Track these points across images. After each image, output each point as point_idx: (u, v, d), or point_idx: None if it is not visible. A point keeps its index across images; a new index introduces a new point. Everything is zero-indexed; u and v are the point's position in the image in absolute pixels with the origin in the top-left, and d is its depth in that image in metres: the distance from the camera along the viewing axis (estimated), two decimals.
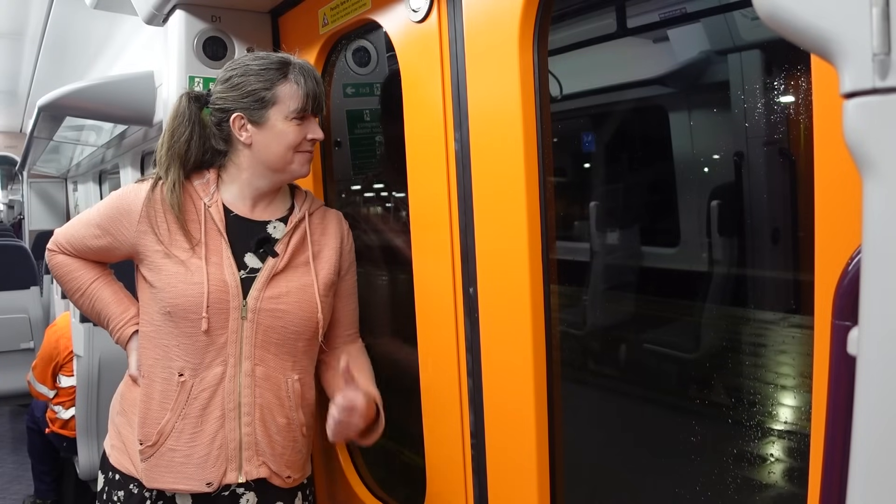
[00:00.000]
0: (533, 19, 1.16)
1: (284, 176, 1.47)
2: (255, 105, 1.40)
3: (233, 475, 1.41)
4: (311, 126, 1.43)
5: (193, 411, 1.39)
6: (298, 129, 1.41)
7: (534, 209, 1.19)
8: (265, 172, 1.45)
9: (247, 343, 1.40)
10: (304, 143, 1.43)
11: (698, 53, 2.66)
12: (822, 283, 0.79)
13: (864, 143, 0.47)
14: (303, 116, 1.41)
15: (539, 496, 1.23)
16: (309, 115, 1.43)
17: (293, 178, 1.50)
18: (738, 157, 2.52)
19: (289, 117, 1.40)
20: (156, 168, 1.49)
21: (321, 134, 1.44)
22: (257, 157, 1.44)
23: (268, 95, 1.39)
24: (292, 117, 1.40)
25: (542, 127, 1.19)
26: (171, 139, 1.45)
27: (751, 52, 2.45)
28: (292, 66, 1.41)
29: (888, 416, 0.47)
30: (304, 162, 1.45)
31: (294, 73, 1.40)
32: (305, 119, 1.42)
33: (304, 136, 1.42)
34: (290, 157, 1.42)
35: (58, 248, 1.54)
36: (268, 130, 1.41)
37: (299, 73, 1.40)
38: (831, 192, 0.78)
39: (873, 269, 0.48)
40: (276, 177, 1.46)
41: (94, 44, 3.70)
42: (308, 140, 1.43)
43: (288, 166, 1.43)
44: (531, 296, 1.19)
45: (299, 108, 1.39)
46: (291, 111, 1.39)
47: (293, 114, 1.40)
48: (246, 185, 1.46)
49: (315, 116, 1.45)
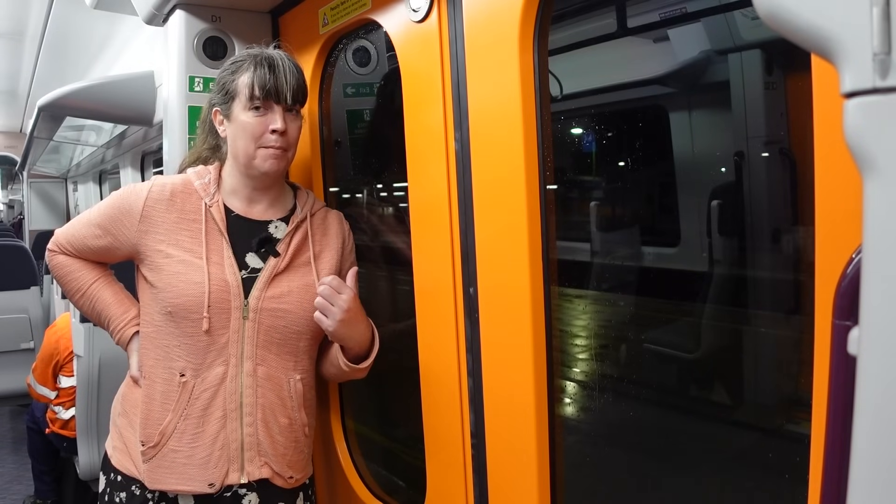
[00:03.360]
0: (533, 19, 1.16)
1: (251, 171, 1.43)
2: (223, 98, 1.42)
3: (235, 476, 1.40)
4: (272, 117, 1.38)
5: (195, 412, 1.38)
6: (258, 120, 1.38)
7: (534, 209, 1.19)
8: (237, 168, 1.45)
9: (248, 343, 1.40)
10: (266, 136, 1.38)
11: (699, 53, 2.66)
12: (822, 282, 0.79)
13: (865, 142, 0.47)
14: (261, 107, 1.37)
15: (539, 496, 1.23)
16: (270, 105, 1.38)
17: (261, 176, 1.43)
18: (738, 156, 2.52)
19: (246, 108, 1.38)
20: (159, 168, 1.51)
21: (281, 124, 1.37)
22: (231, 153, 1.45)
23: (231, 87, 1.40)
24: (249, 108, 1.38)
25: (542, 126, 1.19)
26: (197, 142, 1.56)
27: (751, 51, 2.45)
28: (258, 56, 1.39)
29: (888, 416, 0.47)
30: (268, 157, 1.39)
31: (254, 62, 1.38)
32: (267, 110, 1.38)
33: (266, 128, 1.38)
34: (253, 151, 1.39)
35: (58, 249, 1.53)
36: (234, 123, 1.41)
37: (257, 62, 1.38)
38: (831, 192, 0.78)
39: (873, 269, 0.48)
40: (246, 173, 1.44)
41: (94, 44, 3.70)
42: (270, 132, 1.38)
43: (252, 161, 1.40)
44: (531, 296, 1.19)
45: (249, 95, 1.37)
46: (246, 101, 1.38)
47: (248, 104, 1.37)
48: (237, 181, 1.47)
49: (281, 107, 1.38)
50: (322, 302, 1.36)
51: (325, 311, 1.37)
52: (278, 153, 1.40)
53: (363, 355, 1.47)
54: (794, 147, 2.39)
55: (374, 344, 1.48)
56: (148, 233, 1.42)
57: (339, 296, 1.37)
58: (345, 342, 1.44)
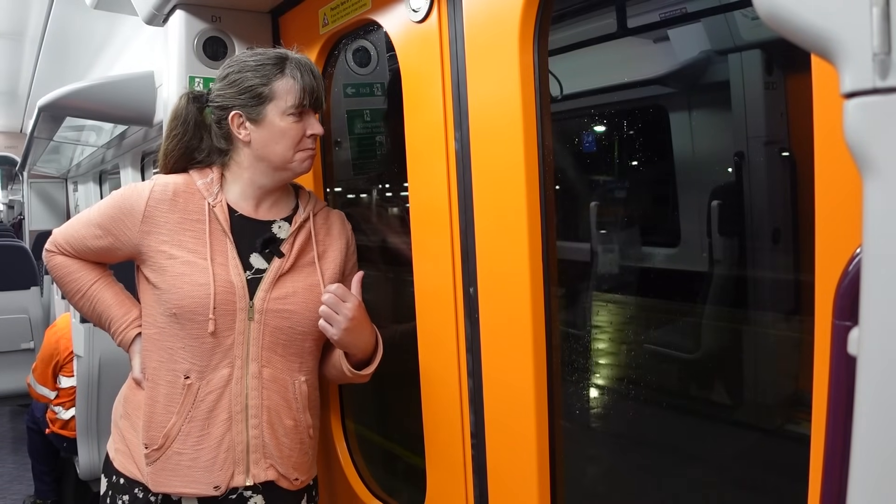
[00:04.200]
0: (533, 19, 1.16)
1: (286, 174, 1.45)
2: (252, 102, 1.39)
3: (240, 478, 1.39)
4: (309, 121, 1.41)
5: (200, 414, 1.37)
6: (297, 125, 1.39)
7: (534, 209, 1.19)
8: (266, 170, 1.43)
9: (254, 344, 1.39)
10: (305, 140, 1.41)
11: (699, 53, 2.66)
12: (822, 283, 0.79)
13: (865, 143, 0.47)
14: (300, 112, 1.39)
15: (539, 496, 1.23)
16: (307, 111, 1.40)
17: (295, 176, 1.47)
18: (738, 157, 2.52)
19: (286, 113, 1.38)
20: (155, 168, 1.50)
21: (321, 129, 1.42)
22: (257, 155, 1.42)
23: (265, 91, 1.38)
24: (289, 113, 1.38)
25: (542, 127, 1.19)
26: (166, 139, 1.47)
27: (751, 52, 2.45)
28: (289, 60, 1.39)
29: (888, 416, 0.47)
30: (305, 159, 1.42)
31: (291, 67, 1.38)
32: (304, 115, 1.40)
33: (304, 133, 1.40)
34: (291, 154, 1.40)
35: (57, 249, 1.51)
36: (266, 128, 1.39)
37: (296, 68, 1.38)
38: (831, 192, 0.78)
39: (873, 269, 0.48)
40: (277, 175, 1.44)
41: (94, 44, 3.70)
42: (308, 136, 1.41)
43: (288, 164, 1.42)
44: (531, 296, 1.19)
45: (296, 103, 1.37)
46: (289, 107, 1.37)
47: (290, 109, 1.37)
48: (248, 184, 1.45)
49: (314, 112, 1.43)
50: (327, 311, 1.37)
51: (330, 320, 1.37)
52: (312, 153, 1.44)
53: (366, 360, 1.48)
54: (794, 147, 2.39)
55: (377, 350, 1.48)
56: (150, 233, 1.40)
57: (344, 304, 1.37)
58: (349, 349, 1.44)
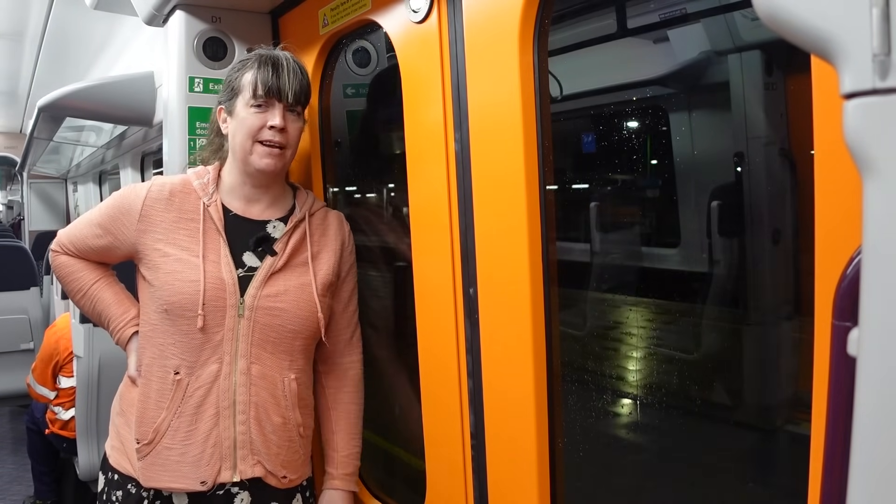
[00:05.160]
0: (533, 19, 1.16)
1: (248, 168, 1.44)
2: (228, 95, 1.45)
3: (227, 474, 1.41)
4: (272, 113, 1.41)
5: (188, 409, 1.39)
6: (257, 116, 1.40)
7: (534, 209, 1.19)
8: (237, 165, 1.46)
9: (243, 341, 1.40)
10: (265, 132, 1.40)
11: (698, 54, 2.66)
12: (822, 283, 0.79)
13: (864, 143, 0.47)
14: (263, 104, 1.40)
15: (539, 496, 1.23)
16: (272, 103, 1.40)
17: (257, 173, 1.45)
18: (737, 157, 2.52)
19: (248, 104, 1.40)
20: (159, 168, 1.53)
21: (279, 121, 1.40)
22: (231, 148, 1.46)
23: (235, 84, 1.43)
24: (251, 104, 1.40)
25: (542, 127, 1.19)
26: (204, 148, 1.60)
27: (751, 52, 2.45)
28: (262, 56, 1.43)
29: (888, 417, 0.47)
30: (264, 155, 1.41)
31: (258, 61, 1.42)
32: (267, 106, 1.41)
33: (264, 123, 1.40)
34: (250, 146, 1.41)
35: (61, 249, 1.55)
36: (235, 119, 1.43)
37: (262, 61, 1.41)
38: (831, 193, 0.78)
39: (873, 269, 0.48)
40: (243, 169, 1.46)
41: (94, 44, 3.71)
42: (269, 128, 1.40)
43: (248, 157, 1.42)
44: (531, 296, 1.19)
45: (252, 93, 1.40)
46: (248, 98, 1.40)
47: (251, 101, 1.40)
48: (235, 181, 1.48)
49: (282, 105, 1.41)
50: None
51: None
52: (275, 151, 1.41)
53: None
54: (794, 148, 2.39)
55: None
56: (146, 232, 1.43)
57: None
58: None
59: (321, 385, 1.58)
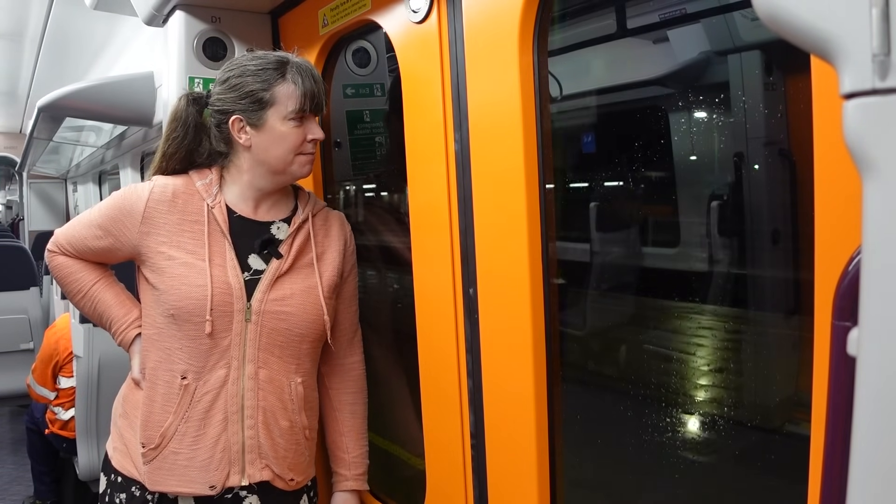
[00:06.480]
0: (533, 19, 1.16)
1: (285, 178, 1.45)
2: (252, 107, 1.38)
3: (236, 478, 1.40)
4: (310, 126, 1.41)
5: (196, 414, 1.38)
6: (297, 130, 1.39)
7: (534, 209, 1.19)
8: (265, 174, 1.44)
9: (251, 346, 1.39)
10: (305, 145, 1.41)
11: (698, 54, 2.66)
12: (822, 283, 0.79)
13: (864, 143, 0.47)
14: (301, 117, 1.39)
15: (539, 496, 1.23)
16: (308, 115, 1.41)
17: (294, 180, 1.48)
18: (737, 157, 2.52)
19: (287, 118, 1.37)
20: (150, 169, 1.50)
21: (321, 133, 1.42)
22: (257, 159, 1.42)
23: (266, 96, 1.37)
24: (290, 118, 1.37)
25: (542, 127, 1.19)
26: (165, 141, 1.47)
27: (751, 52, 2.45)
28: (290, 65, 1.39)
29: (888, 417, 0.47)
30: (305, 163, 1.43)
31: (292, 72, 1.38)
32: (304, 119, 1.40)
33: (305, 138, 1.40)
34: (291, 158, 1.41)
35: (58, 249, 1.52)
36: (266, 132, 1.39)
37: (297, 73, 1.38)
38: (831, 193, 0.78)
39: (873, 269, 0.48)
40: (276, 178, 1.44)
41: (94, 44, 3.71)
42: (308, 141, 1.41)
43: (288, 168, 1.42)
44: (531, 296, 1.19)
45: (297, 108, 1.37)
46: (289, 112, 1.37)
47: (291, 114, 1.37)
48: (247, 186, 1.45)
49: (314, 116, 1.43)
50: None
51: None
52: (311, 157, 1.44)
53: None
54: (794, 148, 2.39)
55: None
56: (150, 234, 1.41)
57: None
58: None
59: (325, 386, 1.58)
